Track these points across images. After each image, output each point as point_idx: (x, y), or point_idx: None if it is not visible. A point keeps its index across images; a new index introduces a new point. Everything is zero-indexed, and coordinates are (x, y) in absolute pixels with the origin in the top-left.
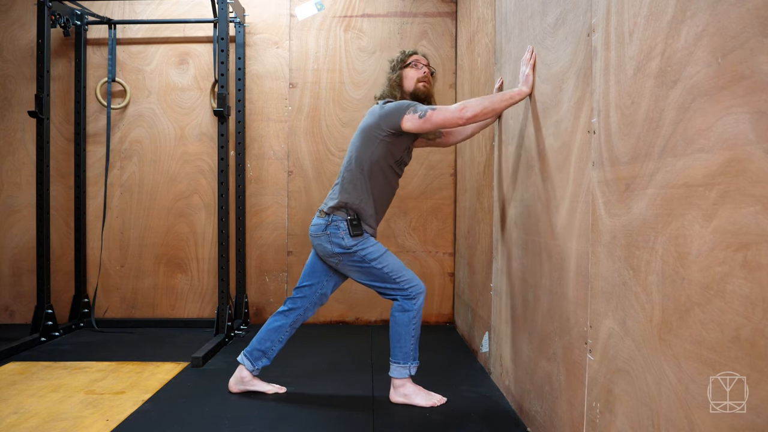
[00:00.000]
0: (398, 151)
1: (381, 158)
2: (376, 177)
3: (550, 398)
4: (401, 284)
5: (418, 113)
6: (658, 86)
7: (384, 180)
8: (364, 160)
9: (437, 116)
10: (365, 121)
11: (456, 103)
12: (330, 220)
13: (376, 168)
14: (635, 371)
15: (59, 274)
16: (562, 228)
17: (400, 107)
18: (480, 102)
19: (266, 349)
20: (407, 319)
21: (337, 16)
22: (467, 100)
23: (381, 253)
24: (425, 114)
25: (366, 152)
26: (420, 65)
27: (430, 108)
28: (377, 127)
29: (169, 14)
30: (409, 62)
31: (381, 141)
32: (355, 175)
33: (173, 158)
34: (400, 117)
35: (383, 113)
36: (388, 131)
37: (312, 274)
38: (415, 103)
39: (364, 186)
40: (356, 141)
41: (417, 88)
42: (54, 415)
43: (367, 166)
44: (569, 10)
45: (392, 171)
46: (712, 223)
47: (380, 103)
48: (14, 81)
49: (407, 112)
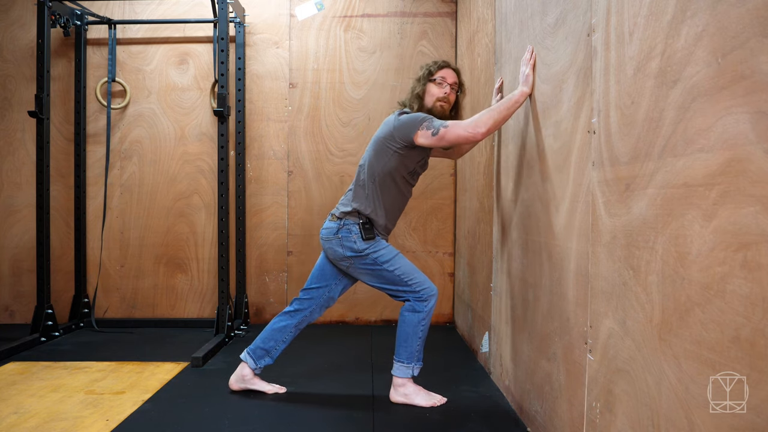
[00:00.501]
0: (411, 163)
1: (393, 170)
2: (388, 187)
3: (550, 398)
4: (413, 287)
5: (431, 130)
6: (658, 86)
7: (396, 190)
8: (376, 171)
9: (450, 134)
10: (380, 131)
11: (467, 120)
12: (342, 224)
13: (389, 179)
14: (635, 371)
15: (59, 274)
16: (562, 228)
17: (415, 121)
18: (490, 115)
19: (270, 348)
20: (416, 320)
21: (337, 16)
22: (477, 116)
23: (393, 256)
24: (438, 132)
25: (378, 163)
26: (445, 84)
27: (443, 126)
28: (391, 138)
29: (169, 14)
30: (436, 77)
31: (394, 153)
32: (367, 184)
33: (173, 158)
34: (413, 131)
35: (398, 125)
36: (402, 144)
37: (321, 276)
38: (430, 118)
39: (375, 196)
40: (370, 150)
41: (434, 107)
42: (54, 415)
43: (379, 177)
44: (569, 10)
45: (405, 181)
46: (712, 223)
47: (396, 113)
48: (14, 81)
49: (420, 128)
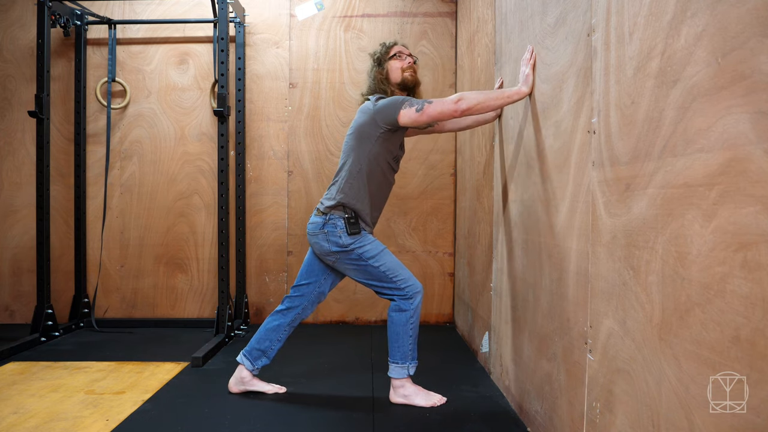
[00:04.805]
0: (394, 148)
1: (378, 155)
2: (374, 174)
3: (550, 398)
4: (398, 283)
5: (415, 107)
6: (658, 86)
7: (382, 176)
8: (361, 159)
9: (433, 109)
10: (358, 120)
11: (453, 95)
12: (327, 218)
13: (374, 165)
14: (635, 371)
15: (59, 274)
16: (562, 228)
17: (395, 102)
18: (477, 96)
19: (265, 349)
20: (404, 319)
21: (337, 16)
22: (465, 92)
23: (378, 252)
24: (422, 107)
25: (362, 151)
26: (403, 56)
27: (426, 101)
28: (372, 123)
29: (169, 14)
30: (393, 54)
31: (378, 138)
32: (352, 174)
33: (173, 158)
34: (396, 112)
35: (378, 109)
36: (385, 127)
37: (310, 272)
38: (409, 98)
39: (361, 185)
40: (350, 140)
41: (404, 78)
42: (54, 415)
43: (365, 165)
44: (569, 10)
45: (389, 167)
46: (712, 223)
47: (371, 99)
48: (14, 81)
49: (403, 107)
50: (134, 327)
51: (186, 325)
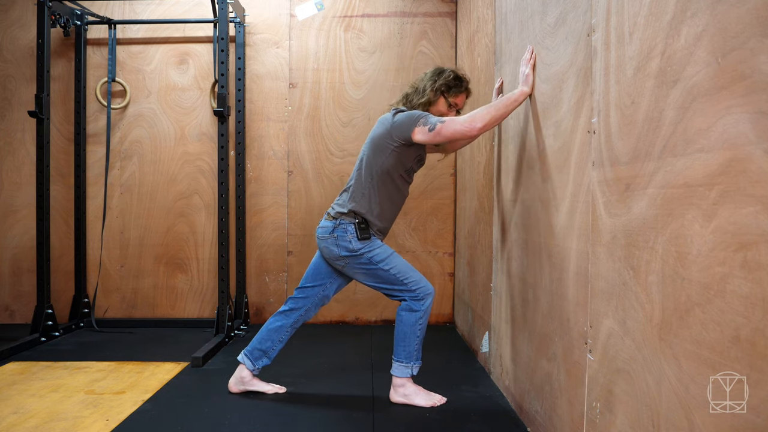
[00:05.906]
0: (408, 161)
1: (391, 168)
2: (386, 186)
3: (550, 398)
4: (409, 285)
5: (428, 126)
6: (658, 86)
7: (394, 188)
8: (374, 170)
9: (447, 130)
10: (376, 130)
11: (464, 116)
12: (337, 223)
13: (387, 177)
14: (635, 371)
15: (59, 274)
16: (562, 228)
17: (411, 118)
18: (487, 111)
19: (267, 349)
20: (414, 320)
21: (337, 16)
22: (474, 112)
23: (388, 255)
24: (434, 128)
25: (376, 162)
26: (454, 109)
27: (440, 121)
28: (388, 136)
29: (169, 14)
30: (449, 99)
31: (392, 151)
32: (364, 184)
33: (173, 158)
34: (410, 129)
35: (395, 124)
36: (399, 142)
37: (316, 275)
38: (426, 115)
39: (373, 195)
40: (366, 150)
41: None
42: (54, 415)
43: (377, 176)
44: (569, 10)
45: (402, 179)
46: (712, 223)
47: (392, 111)
48: (14, 81)
49: (417, 125)
50: (134, 327)
51: (186, 325)
